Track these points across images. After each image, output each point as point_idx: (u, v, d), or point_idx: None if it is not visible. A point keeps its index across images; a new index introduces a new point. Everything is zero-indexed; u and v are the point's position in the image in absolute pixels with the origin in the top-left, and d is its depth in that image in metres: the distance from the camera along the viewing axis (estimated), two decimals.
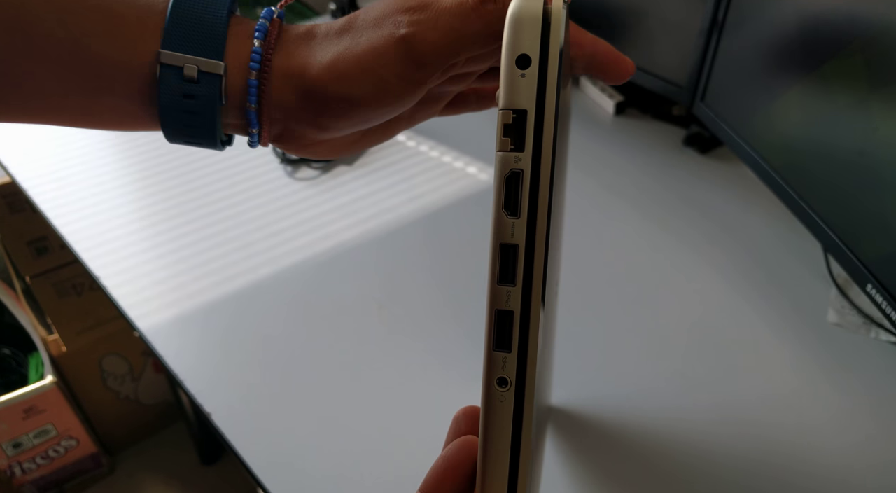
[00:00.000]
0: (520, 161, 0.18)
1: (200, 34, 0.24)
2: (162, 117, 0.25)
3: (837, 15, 0.44)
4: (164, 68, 0.24)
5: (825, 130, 0.46)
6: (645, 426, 0.44)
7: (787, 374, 0.47)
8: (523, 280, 0.18)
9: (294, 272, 0.56)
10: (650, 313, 0.52)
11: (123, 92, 0.25)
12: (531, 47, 0.18)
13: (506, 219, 0.18)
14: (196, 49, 0.24)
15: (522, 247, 0.18)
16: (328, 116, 0.25)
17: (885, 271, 0.42)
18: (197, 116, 0.25)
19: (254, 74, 0.24)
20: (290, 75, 0.25)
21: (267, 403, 0.45)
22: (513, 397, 0.18)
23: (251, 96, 0.25)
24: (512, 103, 0.18)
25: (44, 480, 1.10)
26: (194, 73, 0.24)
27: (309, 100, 0.25)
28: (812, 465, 0.41)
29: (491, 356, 0.18)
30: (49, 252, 0.98)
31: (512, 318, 0.18)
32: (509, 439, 0.19)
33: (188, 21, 0.24)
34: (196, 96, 0.24)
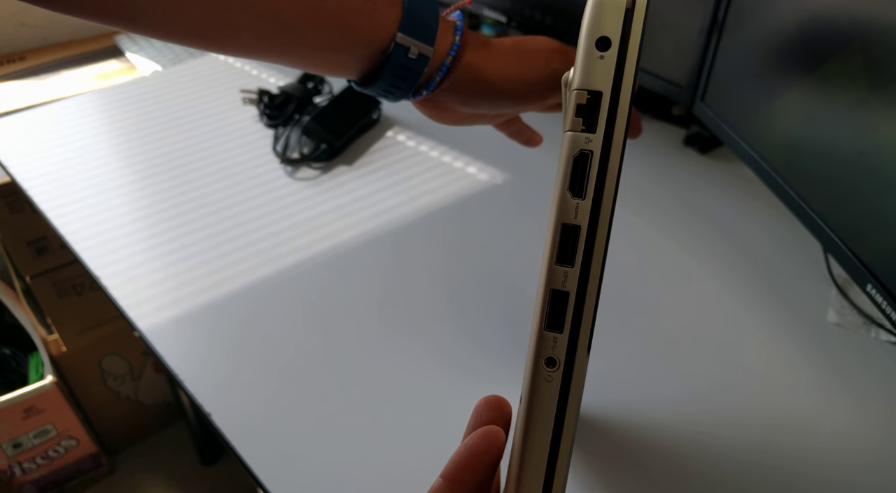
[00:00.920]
0: (590, 142, 0.18)
1: (424, 27, 0.34)
2: (379, 77, 0.35)
3: (837, 15, 0.44)
4: (396, 47, 0.34)
5: (825, 129, 0.46)
6: (644, 425, 0.44)
7: (788, 374, 0.47)
8: (582, 262, 0.18)
9: (294, 272, 0.56)
10: (650, 312, 0.52)
11: (359, 54, 0.34)
12: (612, 30, 0.18)
13: (570, 199, 0.18)
14: (419, 36, 0.34)
15: (584, 228, 0.18)
16: (480, 99, 0.37)
17: (886, 270, 0.42)
18: (405, 82, 0.35)
19: (449, 59, 0.35)
20: (472, 66, 0.36)
21: (267, 403, 0.46)
22: (560, 377, 0.18)
23: (441, 72, 0.35)
24: (587, 84, 0.18)
25: (44, 480, 1.10)
26: (416, 54, 0.34)
27: (478, 86, 0.36)
28: (813, 465, 0.41)
29: (541, 336, 0.18)
30: (49, 252, 0.98)
31: (567, 299, 0.18)
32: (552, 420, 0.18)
33: (417, 16, 0.34)
34: (410, 68, 0.34)
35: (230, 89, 0.82)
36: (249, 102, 0.77)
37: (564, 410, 0.18)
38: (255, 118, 0.76)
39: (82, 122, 0.77)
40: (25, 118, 0.78)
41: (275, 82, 0.83)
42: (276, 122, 0.72)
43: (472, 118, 0.40)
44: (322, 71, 0.36)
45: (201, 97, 0.81)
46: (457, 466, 0.21)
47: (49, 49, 1.10)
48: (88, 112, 0.79)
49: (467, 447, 0.21)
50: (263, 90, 0.75)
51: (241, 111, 0.78)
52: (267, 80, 0.84)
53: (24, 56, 1.08)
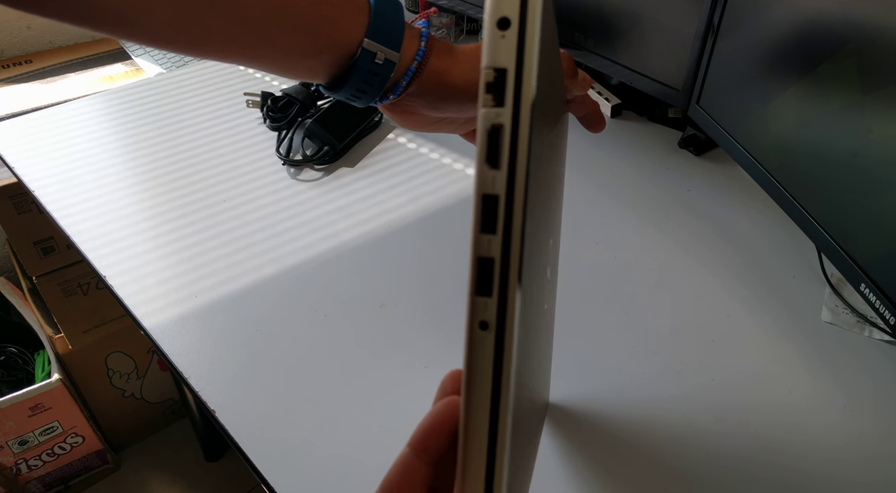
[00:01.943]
0: (500, 116, 0.19)
1: (390, 33, 0.35)
2: (346, 82, 0.36)
3: (832, 18, 0.44)
4: (363, 52, 0.35)
5: (819, 132, 0.47)
6: (640, 422, 0.44)
7: (782, 371, 0.48)
8: (503, 229, 0.19)
9: (297, 272, 0.56)
10: (646, 312, 0.53)
11: (327, 59, 0.35)
12: (510, 10, 0.19)
13: (487, 171, 0.19)
14: (386, 42, 0.35)
15: (503, 197, 0.19)
16: (447, 103, 0.37)
17: (879, 270, 0.43)
18: (371, 86, 0.36)
19: (415, 64, 0.36)
20: (437, 72, 0.36)
21: (270, 400, 0.46)
22: (493, 339, 0.19)
23: (407, 77, 0.36)
24: (493, 62, 0.19)
25: (49, 477, 1.11)
26: (382, 59, 0.35)
27: (443, 91, 0.37)
28: (806, 460, 0.42)
29: (473, 301, 0.19)
30: (55, 252, 0.99)
31: (492, 264, 0.19)
32: (490, 379, 0.19)
33: (383, 22, 0.35)
34: (377, 73, 0.35)
35: (234, 92, 0.83)
36: (253, 105, 0.78)
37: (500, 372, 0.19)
38: (258, 120, 0.77)
39: (88, 124, 0.78)
40: (32, 120, 0.79)
41: (278, 85, 0.84)
42: (280, 124, 0.73)
43: (440, 123, 0.41)
44: (293, 75, 0.37)
45: (206, 100, 0.82)
46: (422, 434, 0.22)
47: (55, 52, 1.12)
48: (94, 114, 0.80)
49: (431, 415, 0.23)
50: (267, 93, 0.76)
51: (244, 114, 0.78)
52: (270, 83, 0.85)
53: (30, 59, 1.09)
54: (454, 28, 0.95)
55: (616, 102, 0.76)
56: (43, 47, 1.13)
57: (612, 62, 0.69)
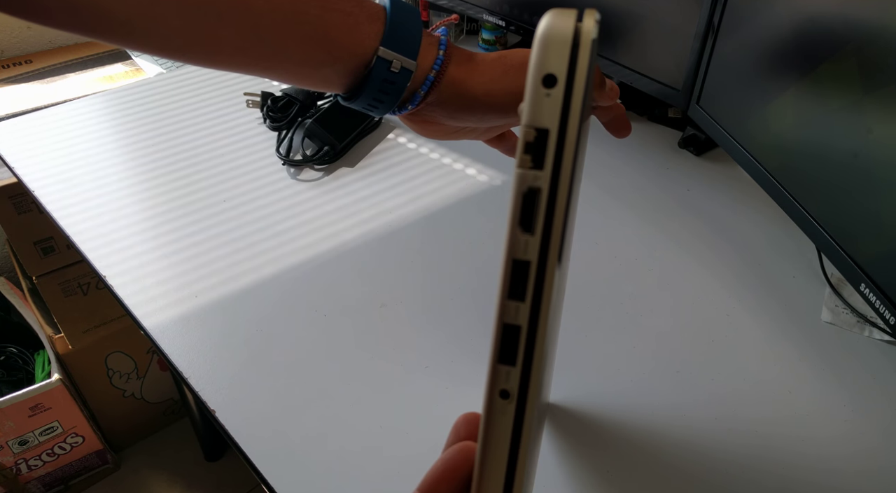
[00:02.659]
0: (538, 180, 0.18)
1: (406, 41, 0.34)
2: (362, 91, 0.35)
3: (832, 18, 0.44)
4: (378, 60, 0.34)
5: (819, 131, 0.47)
6: (640, 423, 0.44)
7: (782, 372, 0.48)
8: (533, 297, 0.18)
9: (297, 272, 0.57)
10: (646, 312, 0.53)
11: (342, 68, 0.35)
12: (558, 67, 0.18)
13: (520, 235, 0.18)
14: (402, 50, 0.34)
15: (534, 264, 0.18)
16: (466, 113, 0.36)
17: (879, 270, 0.43)
18: (388, 95, 0.35)
19: (433, 73, 0.35)
20: (456, 80, 0.36)
21: (270, 400, 0.46)
22: (513, 410, 0.19)
23: (424, 87, 0.35)
24: (535, 122, 0.18)
25: (49, 477, 1.11)
26: (398, 68, 0.34)
27: (463, 99, 0.36)
28: (805, 459, 0.42)
29: (495, 369, 0.19)
30: (55, 252, 0.99)
31: (518, 333, 0.18)
32: (507, 450, 0.19)
33: (399, 30, 0.34)
34: (393, 82, 0.35)
35: (234, 92, 0.83)
36: (253, 105, 0.78)
37: (518, 441, 0.19)
38: (258, 120, 0.77)
39: (88, 124, 0.78)
40: (32, 120, 0.79)
41: (278, 85, 0.84)
42: (280, 124, 0.73)
43: (461, 132, 0.40)
44: (307, 85, 0.36)
45: (206, 100, 0.82)
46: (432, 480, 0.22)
47: (55, 52, 1.12)
48: (94, 114, 0.80)
49: (443, 461, 0.22)
50: (267, 93, 0.76)
51: (244, 114, 0.78)
52: (270, 83, 0.85)
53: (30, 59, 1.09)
54: (454, 28, 0.95)
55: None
56: (43, 47, 1.13)
57: (612, 62, 0.69)
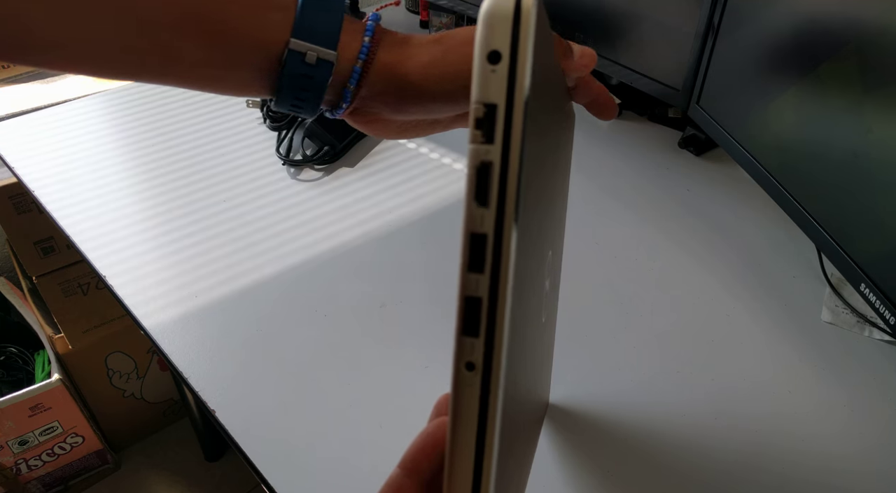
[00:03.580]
0: (489, 153, 0.18)
1: (321, 29, 0.31)
2: (280, 90, 0.31)
3: (832, 18, 0.44)
4: (290, 53, 0.30)
5: (819, 131, 0.47)
6: (640, 422, 0.44)
7: (782, 372, 0.48)
8: (492, 268, 0.18)
9: (297, 272, 0.57)
10: (646, 312, 0.53)
11: (254, 67, 0.31)
12: (502, 43, 0.18)
13: (476, 209, 0.18)
14: (317, 40, 0.30)
15: (491, 236, 0.18)
16: (409, 103, 0.32)
17: (879, 270, 0.43)
18: (309, 92, 0.31)
19: (359, 63, 0.31)
20: (389, 67, 0.31)
21: (270, 400, 0.46)
22: (479, 381, 0.19)
23: (352, 80, 0.31)
24: (483, 98, 0.18)
25: (49, 477, 1.11)
26: (314, 59, 0.30)
27: (401, 89, 0.31)
28: (806, 459, 0.42)
29: (460, 341, 0.19)
30: (55, 252, 0.99)
31: (479, 305, 0.19)
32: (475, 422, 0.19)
33: (312, 17, 0.30)
34: (312, 77, 0.31)
35: None
36: (253, 105, 0.78)
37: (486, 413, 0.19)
38: (258, 120, 0.77)
39: (88, 123, 0.78)
40: (32, 120, 0.79)
41: None
42: (280, 124, 0.73)
43: (420, 127, 0.36)
44: (229, 91, 0.32)
45: (206, 100, 0.82)
46: (412, 455, 0.22)
47: None
48: (94, 114, 0.80)
49: (423, 436, 0.23)
50: None
51: (244, 113, 0.78)
52: None
53: None
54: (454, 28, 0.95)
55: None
56: None
57: (613, 62, 0.69)
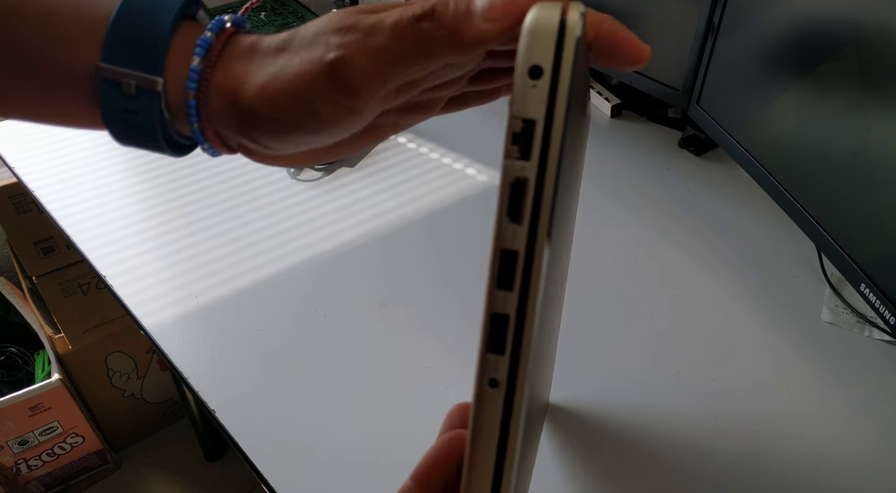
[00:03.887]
0: (525, 170, 0.18)
1: (140, 48, 0.23)
2: (107, 127, 0.25)
3: (832, 18, 0.44)
4: (103, 82, 0.23)
5: (819, 131, 0.47)
6: (640, 423, 0.44)
7: (782, 372, 0.48)
8: (521, 287, 0.18)
9: (297, 272, 0.57)
10: (646, 312, 0.53)
11: (70, 96, 0.24)
12: (544, 58, 0.18)
13: (507, 225, 0.18)
14: (135, 64, 0.23)
15: (522, 254, 0.18)
16: (268, 137, 0.24)
17: (879, 270, 0.43)
18: (139, 130, 0.24)
19: (191, 94, 0.23)
20: (227, 95, 0.23)
21: (270, 400, 0.46)
22: (502, 398, 0.19)
23: (191, 117, 0.24)
24: (522, 113, 0.18)
25: (49, 477, 1.11)
26: (131, 89, 0.23)
27: (245, 121, 0.23)
28: (806, 459, 0.42)
29: (484, 358, 0.19)
30: (55, 252, 0.99)
31: (507, 322, 0.18)
32: (496, 439, 0.19)
33: (129, 33, 0.23)
34: (136, 112, 0.23)
35: None
36: None
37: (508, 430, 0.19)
38: None
39: None
40: None
41: None
42: None
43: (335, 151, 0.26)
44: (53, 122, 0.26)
45: None
46: (425, 468, 0.22)
47: None
48: None
49: (436, 449, 0.22)
50: None
51: None
52: None
53: None
54: None
55: (616, 102, 0.76)
56: None
57: None
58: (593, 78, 0.80)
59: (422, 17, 0.20)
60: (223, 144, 0.25)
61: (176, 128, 0.25)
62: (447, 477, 0.22)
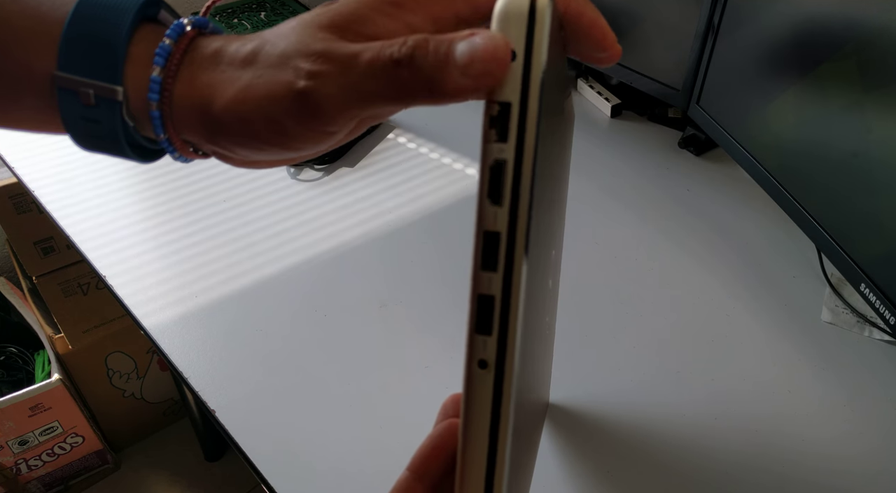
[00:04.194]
0: (503, 152, 0.18)
1: (97, 56, 0.21)
2: (69, 134, 0.24)
3: (832, 18, 0.44)
4: (60, 91, 0.22)
5: (819, 131, 0.47)
6: (640, 422, 0.44)
7: (782, 372, 0.48)
8: (504, 266, 0.19)
9: (297, 272, 0.57)
10: (646, 312, 0.53)
11: (30, 103, 0.23)
12: (516, 41, 0.18)
13: (489, 207, 0.18)
14: (92, 72, 0.22)
15: (504, 235, 0.18)
16: (240, 148, 0.23)
17: (879, 270, 0.43)
18: (101, 139, 0.23)
19: (154, 105, 0.22)
20: (192, 106, 0.22)
21: (270, 400, 0.46)
22: (492, 379, 0.19)
23: (156, 128, 0.22)
24: (498, 96, 0.18)
25: (49, 477, 1.11)
26: (90, 99, 0.22)
27: (214, 132, 0.22)
28: (806, 459, 0.42)
29: (472, 339, 0.19)
30: (55, 252, 0.99)
31: (492, 302, 0.19)
32: (488, 419, 0.19)
33: (84, 38, 0.22)
34: (98, 120, 0.22)
35: None
36: None
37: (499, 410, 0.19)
38: None
39: None
40: None
41: None
42: None
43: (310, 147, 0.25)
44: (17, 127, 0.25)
45: None
46: (421, 458, 0.22)
47: None
48: None
49: (431, 439, 0.22)
50: None
51: None
52: None
53: None
54: None
55: (616, 102, 0.76)
56: None
57: None
58: (594, 78, 0.80)
59: (399, 62, 0.19)
60: (194, 152, 0.24)
61: (143, 133, 0.24)
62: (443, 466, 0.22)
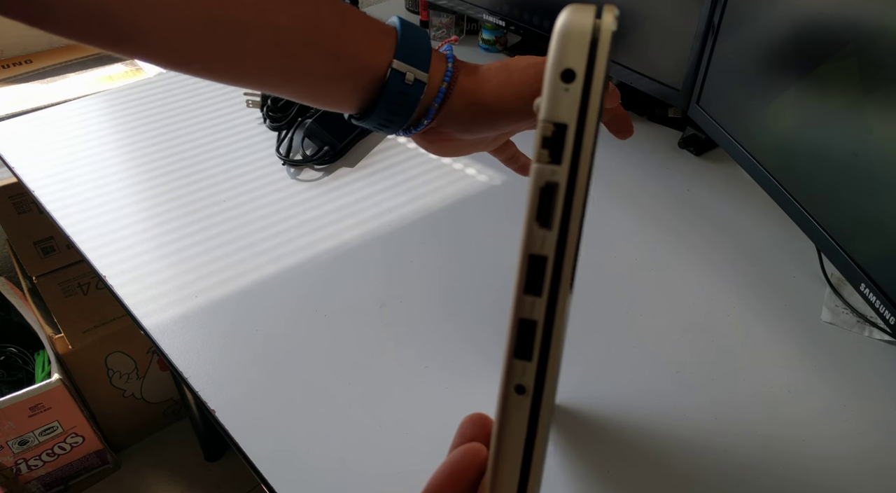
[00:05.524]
0: (556, 174, 0.18)
1: (418, 53, 0.36)
2: (375, 106, 0.36)
3: (832, 18, 0.44)
4: (393, 73, 0.35)
5: (819, 131, 0.47)
6: (640, 422, 0.44)
7: (782, 372, 0.48)
8: (549, 292, 0.18)
9: (297, 272, 0.57)
10: (647, 312, 0.53)
11: (358, 83, 0.36)
12: (577, 62, 0.17)
13: (537, 230, 0.18)
14: (414, 63, 0.35)
15: (551, 260, 0.18)
16: (479, 123, 0.37)
17: (879, 270, 0.43)
18: (402, 108, 0.36)
19: (444, 85, 0.36)
20: (466, 91, 0.37)
21: (270, 400, 0.46)
22: (529, 405, 0.19)
23: (438, 99, 0.36)
24: (553, 116, 0.18)
25: (49, 477, 1.11)
26: (411, 80, 0.35)
27: (475, 109, 0.37)
28: (805, 459, 0.42)
29: (511, 364, 0.19)
30: (55, 252, 0.99)
31: (535, 328, 0.18)
32: (522, 446, 0.19)
33: (411, 43, 0.36)
34: (408, 94, 0.36)
35: (234, 92, 0.83)
36: (253, 105, 0.78)
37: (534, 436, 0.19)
38: (258, 120, 0.77)
39: (88, 123, 0.78)
40: (32, 120, 0.79)
41: None
42: (280, 124, 0.73)
43: (474, 145, 0.41)
44: (323, 103, 0.37)
45: (206, 99, 0.82)
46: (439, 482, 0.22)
47: (55, 52, 1.12)
48: (94, 114, 0.80)
49: (449, 463, 0.22)
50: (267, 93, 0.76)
51: (244, 113, 0.78)
52: None
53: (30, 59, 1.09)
54: (454, 28, 0.95)
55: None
56: (43, 47, 1.13)
57: (613, 62, 0.69)
58: None
59: None
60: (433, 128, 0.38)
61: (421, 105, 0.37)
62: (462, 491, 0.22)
